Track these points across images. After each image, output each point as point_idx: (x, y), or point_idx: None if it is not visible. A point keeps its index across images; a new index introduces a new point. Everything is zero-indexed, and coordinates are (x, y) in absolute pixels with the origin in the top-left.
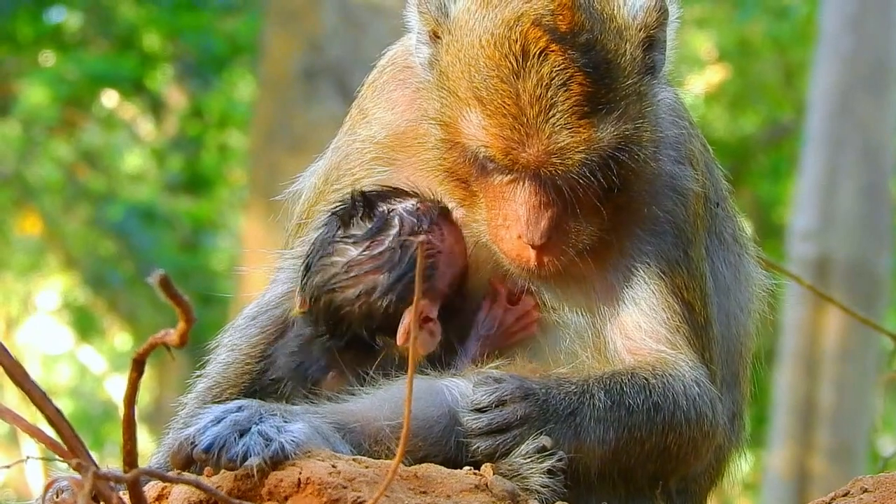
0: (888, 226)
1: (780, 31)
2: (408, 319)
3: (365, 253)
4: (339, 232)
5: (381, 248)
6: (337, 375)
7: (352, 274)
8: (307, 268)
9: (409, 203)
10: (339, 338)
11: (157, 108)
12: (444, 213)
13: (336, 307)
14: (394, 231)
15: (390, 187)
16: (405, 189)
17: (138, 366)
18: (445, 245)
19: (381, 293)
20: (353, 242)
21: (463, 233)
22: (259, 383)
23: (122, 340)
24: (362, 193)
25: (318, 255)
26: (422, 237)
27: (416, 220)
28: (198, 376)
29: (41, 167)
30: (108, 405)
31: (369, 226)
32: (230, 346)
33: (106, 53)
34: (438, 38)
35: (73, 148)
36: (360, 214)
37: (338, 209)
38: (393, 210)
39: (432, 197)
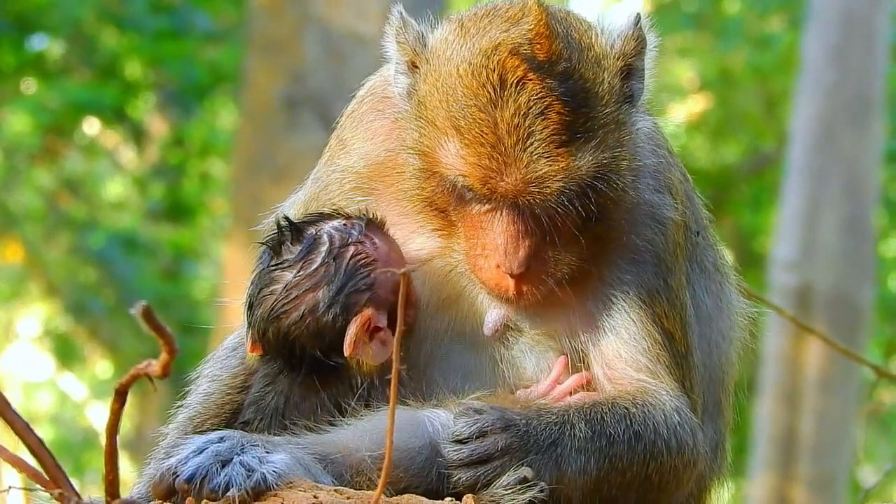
0: (870, 257)
1: (763, 60)
2: (353, 329)
3: (300, 274)
4: (273, 261)
5: (314, 266)
6: (311, 407)
7: (292, 297)
8: (250, 304)
9: (335, 221)
10: (298, 367)
11: (138, 136)
12: (373, 224)
13: (285, 334)
14: (324, 247)
15: (314, 213)
16: (328, 212)
17: (120, 397)
18: (380, 253)
19: (323, 309)
20: (287, 267)
21: (395, 241)
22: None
23: (103, 368)
24: (287, 219)
25: (258, 288)
26: (404, 268)
27: (344, 233)
28: (179, 407)
29: (23, 195)
30: (89, 432)
31: (299, 248)
32: (211, 377)
33: (88, 81)
34: (416, 67)
35: (55, 176)
36: (289, 240)
37: (267, 240)
38: (320, 229)
39: (358, 213)
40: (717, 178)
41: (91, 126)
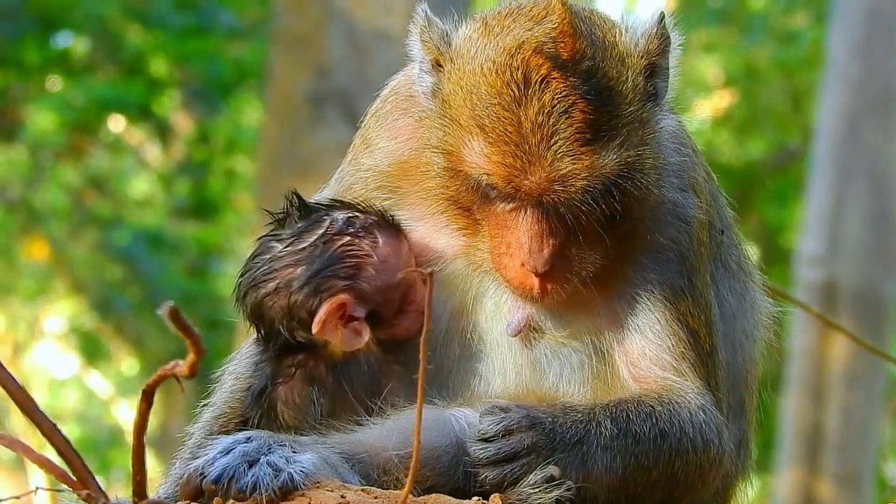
0: None
1: (788, 55)
2: (325, 308)
3: (288, 248)
4: (272, 231)
5: (303, 245)
6: (290, 385)
7: (273, 268)
8: (243, 268)
9: (348, 211)
10: (267, 342)
11: (163, 133)
12: (384, 224)
13: (258, 303)
14: (320, 230)
15: (334, 199)
16: (349, 202)
17: (148, 397)
18: (378, 252)
19: (297, 287)
20: (280, 239)
21: (405, 252)
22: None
23: (128, 365)
24: (296, 195)
25: (252, 254)
26: (430, 269)
27: (345, 223)
28: (204, 405)
29: (48, 192)
30: (115, 430)
31: (299, 225)
32: (236, 375)
33: (113, 79)
34: (440, 66)
35: (80, 173)
36: (295, 216)
37: (278, 213)
38: (327, 214)
39: (376, 210)
40: (743, 173)
41: (116, 123)
